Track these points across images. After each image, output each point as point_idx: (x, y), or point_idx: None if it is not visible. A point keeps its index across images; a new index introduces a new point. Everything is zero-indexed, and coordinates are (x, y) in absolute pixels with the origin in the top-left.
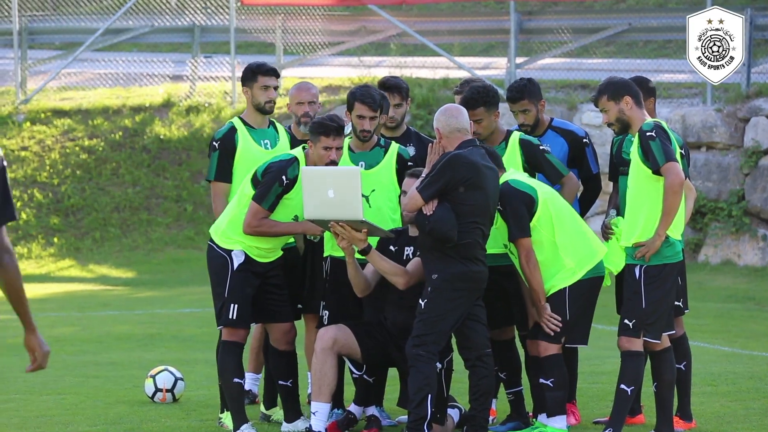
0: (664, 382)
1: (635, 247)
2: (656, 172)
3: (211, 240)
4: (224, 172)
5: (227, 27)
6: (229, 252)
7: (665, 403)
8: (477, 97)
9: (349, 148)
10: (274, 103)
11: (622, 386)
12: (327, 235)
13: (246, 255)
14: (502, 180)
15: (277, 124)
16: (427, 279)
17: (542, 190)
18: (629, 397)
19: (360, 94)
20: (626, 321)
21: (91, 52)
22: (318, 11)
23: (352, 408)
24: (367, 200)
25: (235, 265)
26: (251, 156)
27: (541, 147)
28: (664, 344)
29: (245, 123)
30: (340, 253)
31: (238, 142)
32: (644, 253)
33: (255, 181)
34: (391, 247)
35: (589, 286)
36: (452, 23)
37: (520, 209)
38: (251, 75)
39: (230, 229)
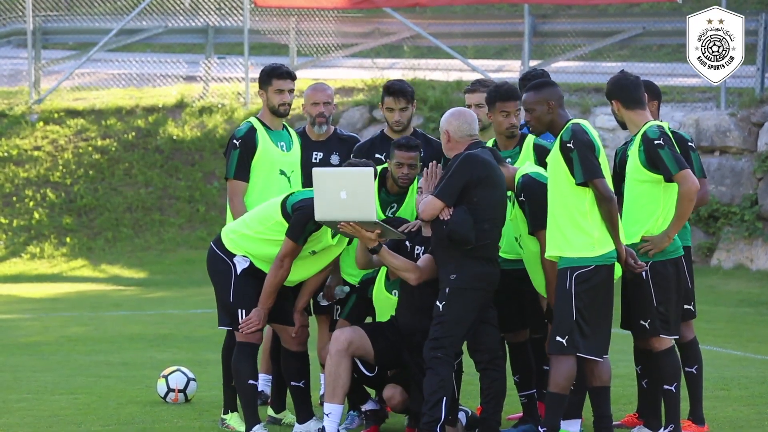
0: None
1: (642, 240)
2: (669, 180)
3: (215, 242)
4: (243, 171)
5: (241, 28)
6: (231, 256)
7: (658, 401)
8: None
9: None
10: (289, 106)
11: (666, 387)
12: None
13: (251, 262)
14: (521, 173)
15: (289, 128)
16: (443, 280)
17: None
18: (676, 394)
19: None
20: (642, 323)
21: (105, 52)
22: (331, 13)
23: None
24: None
25: (239, 270)
26: (269, 157)
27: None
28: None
29: (263, 124)
30: None
31: (258, 142)
32: (648, 249)
33: (285, 213)
34: (407, 243)
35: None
36: (466, 26)
37: (543, 200)
38: (266, 78)
39: (245, 241)
